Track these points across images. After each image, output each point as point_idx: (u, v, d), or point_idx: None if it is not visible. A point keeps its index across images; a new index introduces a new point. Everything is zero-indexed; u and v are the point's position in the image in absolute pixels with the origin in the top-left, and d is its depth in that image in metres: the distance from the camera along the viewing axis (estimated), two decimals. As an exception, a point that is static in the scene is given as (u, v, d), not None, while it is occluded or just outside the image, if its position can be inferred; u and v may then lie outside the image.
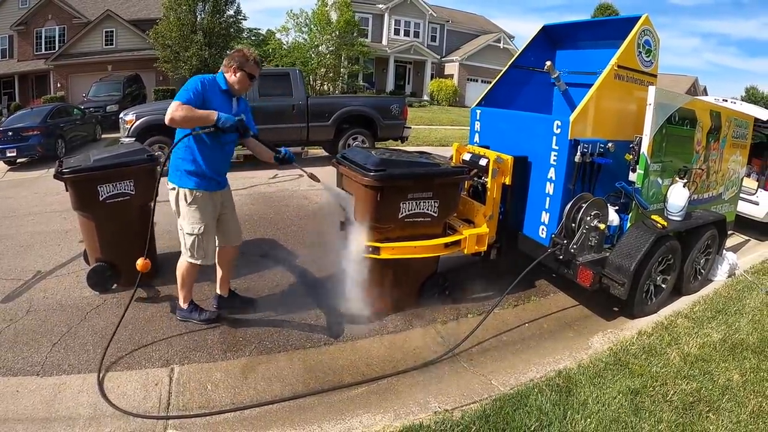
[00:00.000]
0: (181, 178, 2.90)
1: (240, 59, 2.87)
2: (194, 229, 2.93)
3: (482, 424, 2.30)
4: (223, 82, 2.90)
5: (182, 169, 2.89)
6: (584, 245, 3.46)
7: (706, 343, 3.33)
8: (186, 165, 2.88)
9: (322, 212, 5.87)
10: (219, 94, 2.87)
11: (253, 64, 2.91)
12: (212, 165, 2.93)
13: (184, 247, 3.00)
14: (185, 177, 2.89)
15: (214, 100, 2.82)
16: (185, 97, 2.69)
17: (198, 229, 2.93)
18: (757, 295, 4.29)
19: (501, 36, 31.04)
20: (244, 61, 2.87)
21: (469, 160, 3.86)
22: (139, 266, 2.81)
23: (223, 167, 3.07)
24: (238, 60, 2.87)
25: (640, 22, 3.69)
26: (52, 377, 2.60)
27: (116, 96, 15.85)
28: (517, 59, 4.72)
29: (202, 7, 19.72)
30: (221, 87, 2.89)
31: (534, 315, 3.70)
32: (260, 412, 2.42)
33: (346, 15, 23.82)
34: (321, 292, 3.77)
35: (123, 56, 21.91)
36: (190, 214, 2.92)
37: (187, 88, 2.75)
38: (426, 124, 17.54)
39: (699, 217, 4.13)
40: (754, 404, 2.67)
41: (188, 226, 2.94)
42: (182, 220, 2.96)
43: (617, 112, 3.72)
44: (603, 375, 2.83)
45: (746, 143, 5.09)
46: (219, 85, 2.89)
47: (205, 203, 2.95)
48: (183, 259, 3.05)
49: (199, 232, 2.94)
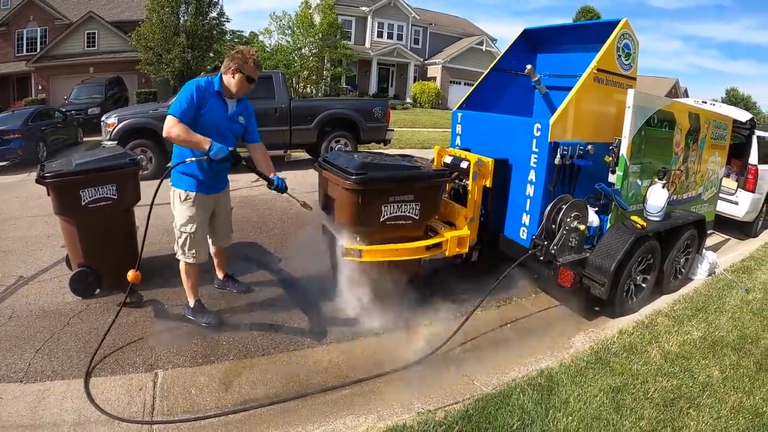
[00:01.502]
0: (178, 179, 2.99)
1: (239, 61, 2.87)
2: (186, 228, 3.02)
3: (465, 424, 2.33)
4: (218, 84, 2.91)
5: (179, 171, 2.96)
6: (564, 246, 3.52)
7: (686, 341, 3.41)
8: (183, 167, 2.94)
9: (304, 216, 5.89)
10: (213, 96, 2.89)
11: (252, 65, 2.91)
12: (208, 173, 3.01)
13: (177, 245, 3.07)
14: (181, 178, 2.98)
15: (209, 104, 2.85)
16: (179, 110, 2.73)
17: (190, 228, 3.02)
18: (737, 293, 4.40)
19: (484, 39, 31.33)
20: (242, 63, 2.88)
21: (451, 163, 3.90)
22: (130, 278, 2.80)
23: (220, 175, 3.14)
24: (237, 62, 2.87)
25: (619, 26, 3.77)
26: (36, 383, 2.57)
27: (98, 98, 15.67)
28: (499, 62, 4.79)
29: (185, 9, 19.55)
30: (214, 89, 2.90)
31: (516, 315, 3.75)
32: (244, 416, 2.42)
33: (329, 17, 23.86)
34: (304, 295, 3.79)
35: (105, 58, 21.64)
36: (183, 213, 3.01)
37: (181, 98, 2.78)
38: (409, 126, 17.63)
39: (678, 217, 4.22)
40: (734, 400, 2.74)
41: (181, 225, 3.02)
42: (176, 219, 3.04)
43: (596, 114, 3.79)
44: (584, 374, 2.89)
45: (725, 144, 5.22)
46: (211, 87, 2.89)
47: (198, 204, 3.02)
48: (179, 256, 3.11)
49: (191, 230, 3.02)
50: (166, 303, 3.54)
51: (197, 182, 2.99)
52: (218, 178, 3.16)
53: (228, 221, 3.45)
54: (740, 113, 6.30)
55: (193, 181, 2.98)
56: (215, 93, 2.90)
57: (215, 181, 3.13)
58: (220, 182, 3.22)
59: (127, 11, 23.23)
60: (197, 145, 2.73)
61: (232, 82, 2.91)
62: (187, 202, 2.99)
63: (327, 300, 3.68)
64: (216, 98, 2.91)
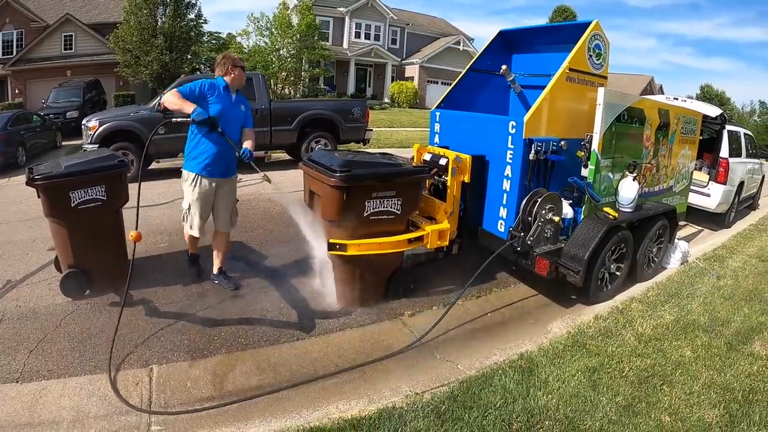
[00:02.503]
0: (187, 162, 3.57)
1: (230, 61, 3.58)
2: (185, 204, 3.61)
3: (451, 404, 2.48)
4: (223, 82, 3.55)
5: (186, 155, 3.58)
6: (540, 237, 3.70)
7: (659, 324, 3.60)
8: (190, 152, 3.55)
9: (287, 214, 5.98)
10: (220, 90, 3.51)
11: (237, 59, 3.66)
12: (201, 153, 3.51)
13: (183, 218, 3.69)
14: (187, 161, 3.57)
15: (215, 96, 3.46)
16: (183, 89, 3.36)
17: (187, 205, 3.60)
18: (708, 280, 4.63)
19: (461, 38, 31.64)
20: (233, 60, 3.59)
21: (430, 160, 4.05)
22: (132, 237, 3.05)
23: (221, 159, 3.56)
24: (230, 61, 3.57)
25: (590, 28, 3.96)
26: (32, 383, 2.62)
27: (76, 102, 15.42)
28: (475, 63, 4.95)
29: (163, 11, 19.37)
30: (222, 85, 3.53)
31: (496, 305, 3.91)
32: (241, 405, 2.52)
33: (307, 18, 23.85)
34: (290, 290, 3.89)
35: (82, 61, 21.23)
36: (185, 191, 3.61)
37: (189, 85, 3.41)
38: (387, 126, 17.76)
39: (649, 208, 4.44)
40: (706, 377, 2.92)
41: (184, 201, 3.63)
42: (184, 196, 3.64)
43: (569, 112, 3.97)
44: (562, 356, 3.06)
45: (695, 138, 5.46)
46: (220, 84, 3.52)
47: (198, 185, 3.54)
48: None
49: (187, 207, 3.60)
50: (156, 301, 3.60)
51: (202, 166, 3.50)
52: (223, 165, 3.60)
53: (229, 209, 3.79)
54: (711, 109, 6.56)
55: (198, 164, 3.51)
56: (224, 88, 3.53)
57: (219, 167, 3.58)
58: (225, 170, 3.65)
59: (105, 13, 22.88)
60: (183, 109, 3.27)
61: (233, 77, 3.55)
62: (188, 182, 3.55)
63: (313, 294, 3.79)
64: (224, 92, 3.54)
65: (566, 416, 2.46)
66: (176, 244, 4.68)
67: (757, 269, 5.11)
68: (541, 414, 2.46)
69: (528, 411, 2.47)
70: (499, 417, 2.41)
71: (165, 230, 5.18)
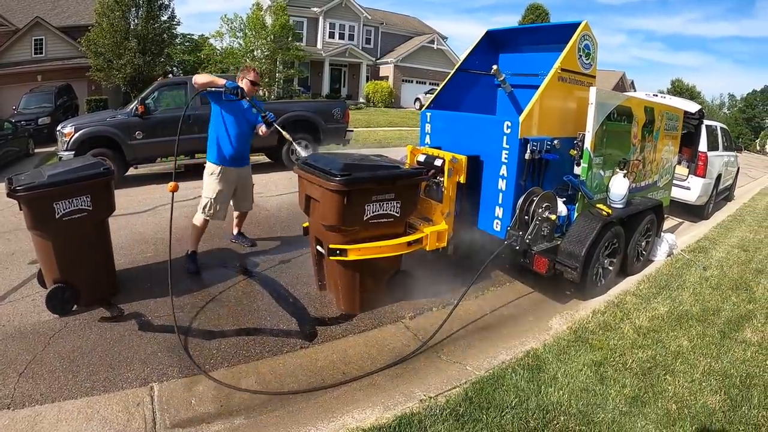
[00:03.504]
0: (211, 154, 4.10)
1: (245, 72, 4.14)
2: (209, 194, 4.09)
3: (467, 406, 2.46)
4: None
5: (209, 147, 4.11)
6: (538, 235, 3.72)
7: (654, 316, 3.69)
8: (211, 145, 4.10)
9: (275, 219, 5.89)
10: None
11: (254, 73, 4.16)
12: (224, 146, 4.07)
13: (199, 206, 4.15)
14: (210, 153, 4.11)
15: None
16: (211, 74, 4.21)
17: (212, 194, 4.09)
18: (695, 271, 4.76)
19: (435, 37, 31.89)
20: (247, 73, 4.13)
21: (424, 161, 4.03)
22: (169, 188, 3.44)
23: (239, 148, 4.14)
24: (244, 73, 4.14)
25: (580, 28, 4.01)
26: (25, 409, 2.47)
27: (48, 108, 14.90)
28: (463, 63, 4.96)
29: (135, 13, 18.88)
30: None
31: (494, 304, 3.92)
32: (251, 421, 2.44)
33: (281, 19, 23.65)
34: (286, 296, 3.83)
35: (53, 65, 20.51)
36: (209, 183, 4.10)
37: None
38: (364, 126, 17.68)
39: (639, 203, 4.54)
40: (704, 365, 3.02)
41: (205, 190, 4.12)
42: (204, 187, 4.13)
43: (561, 111, 4.02)
44: (567, 351, 3.09)
45: (677, 134, 5.62)
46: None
47: (222, 178, 4.10)
48: (197, 215, 4.18)
49: (212, 196, 4.09)
50: (149, 315, 3.47)
51: (225, 157, 4.07)
52: (242, 155, 4.21)
53: (249, 192, 4.51)
54: (690, 105, 6.77)
55: (222, 156, 4.06)
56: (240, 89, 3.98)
57: (238, 158, 4.16)
58: (242, 160, 4.24)
59: (75, 16, 22.13)
60: (215, 82, 3.82)
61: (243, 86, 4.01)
62: (213, 174, 4.08)
63: (312, 301, 3.73)
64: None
65: (579, 411, 2.48)
66: (162, 253, 4.55)
67: (741, 259, 5.28)
68: (556, 410, 2.48)
69: (542, 408, 2.49)
70: (516, 416, 2.41)
71: (150, 239, 5.03)
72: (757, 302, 4.08)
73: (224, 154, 4.07)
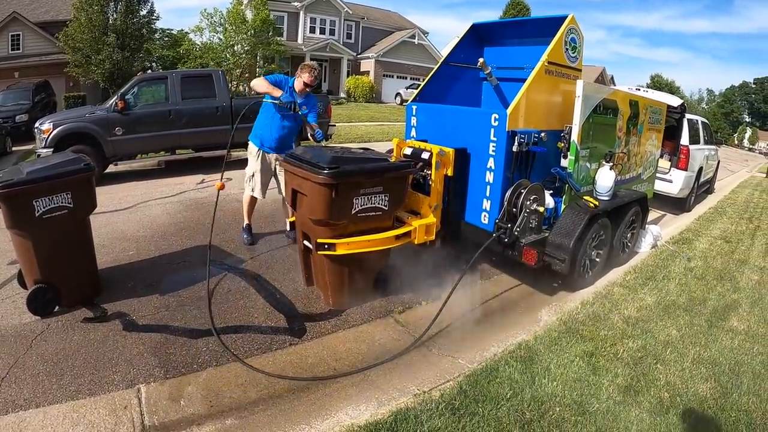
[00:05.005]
0: (252, 137, 4.50)
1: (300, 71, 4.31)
2: (249, 171, 4.52)
3: (462, 399, 2.46)
4: (292, 83, 4.34)
5: (254, 131, 4.49)
6: (526, 228, 3.74)
7: (642, 306, 3.74)
8: (256, 127, 4.48)
9: (258, 216, 5.80)
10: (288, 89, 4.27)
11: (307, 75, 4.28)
12: (265, 133, 4.42)
13: (246, 182, 4.55)
14: (255, 138, 4.48)
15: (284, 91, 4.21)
16: (269, 77, 4.23)
17: (251, 171, 4.51)
18: (680, 262, 4.84)
19: (416, 32, 31.90)
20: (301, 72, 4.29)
21: (411, 154, 4.00)
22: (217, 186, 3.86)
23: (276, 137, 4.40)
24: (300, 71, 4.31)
25: (566, 22, 4.02)
26: (9, 415, 2.38)
27: (25, 105, 14.45)
28: (449, 57, 4.95)
29: (114, 8, 18.45)
30: (290, 84, 4.31)
31: (483, 297, 3.92)
32: (242, 421, 2.39)
33: (262, 13, 23.42)
34: (273, 292, 3.77)
35: (31, 62, 19.98)
36: (251, 161, 4.51)
37: (273, 76, 4.29)
38: (345, 121, 17.59)
39: (624, 195, 4.59)
40: (694, 353, 3.07)
41: (248, 168, 4.53)
42: (248, 165, 4.54)
43: (548, 104, 4.04)
44: (558, 343, 3.11)
45: (660, 128, 5.70)
46: (289, 83, 4.33)
47: (260, 158, 4.46)
48: (245, 191, 4.62)
49: (251, 173, 4.50)
50: (133, 315, 3.38)
51: (263, 142, 4.44)
52: (281, 145, 4.43)
53: None
54: (672, 99, 6.87)
55: (261, 141, 4.45)
56: (290, 87, 4.30)
57: (277, 146, 4.43)
58: (282, 149, 4.38)
59: (53, 11, 21.59)
60: (272, 92, 4.11)
61: (297, 83, 4.29)
62: (253, 154, 4.48)
63: (300, 297, 3.68)
64: (289, 91, 4.26)
65: (574, 401, 2.50)
66: (145, 251, 4.47)
67: (724, 250, 5.39)
68: (551, 401, 2.49)
69: (537, 399, 2.49)
70: (512, 408, 2.42)
71: (132, 237, 4.91)
72: (741, 292, 4.17)
73: (262, 139, 4.43)
